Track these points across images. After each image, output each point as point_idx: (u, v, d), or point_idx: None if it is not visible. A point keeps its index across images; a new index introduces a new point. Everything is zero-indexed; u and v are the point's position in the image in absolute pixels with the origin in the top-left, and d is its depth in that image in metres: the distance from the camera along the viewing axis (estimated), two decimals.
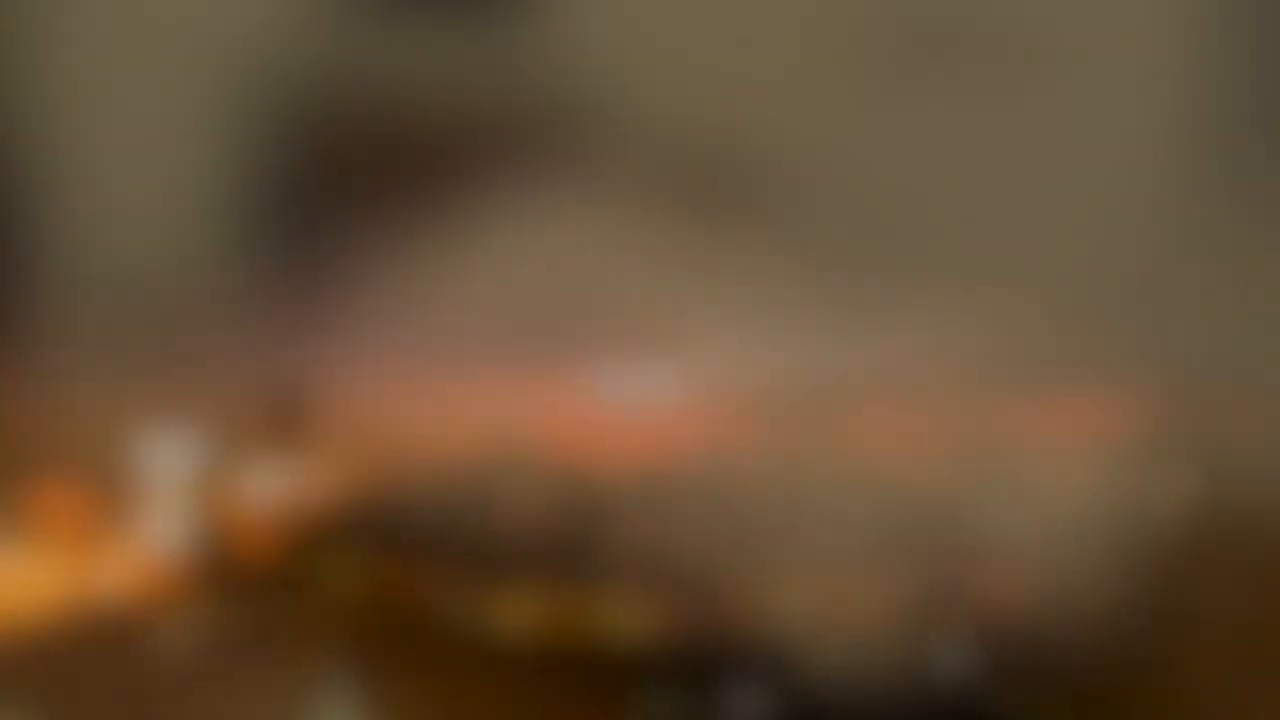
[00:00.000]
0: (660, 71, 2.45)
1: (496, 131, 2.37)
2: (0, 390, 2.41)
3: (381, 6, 2.37)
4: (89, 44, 2.46)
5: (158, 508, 2.19)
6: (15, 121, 2.46)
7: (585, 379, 1.90)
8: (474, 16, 2.37)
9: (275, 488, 2.26)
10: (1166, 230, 2.24)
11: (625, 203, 2.15)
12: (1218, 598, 2.01)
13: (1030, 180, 2.32)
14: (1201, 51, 2.17)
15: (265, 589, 2.03)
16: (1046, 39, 2.23)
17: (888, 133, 2.38)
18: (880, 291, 2.40)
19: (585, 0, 2.40)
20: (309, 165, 2.42)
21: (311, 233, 2.44)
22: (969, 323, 2.31)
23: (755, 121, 2.43)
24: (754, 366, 1.87)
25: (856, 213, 2.38)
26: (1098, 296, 2.29)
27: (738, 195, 2.42)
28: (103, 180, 2.55)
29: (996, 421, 1.78)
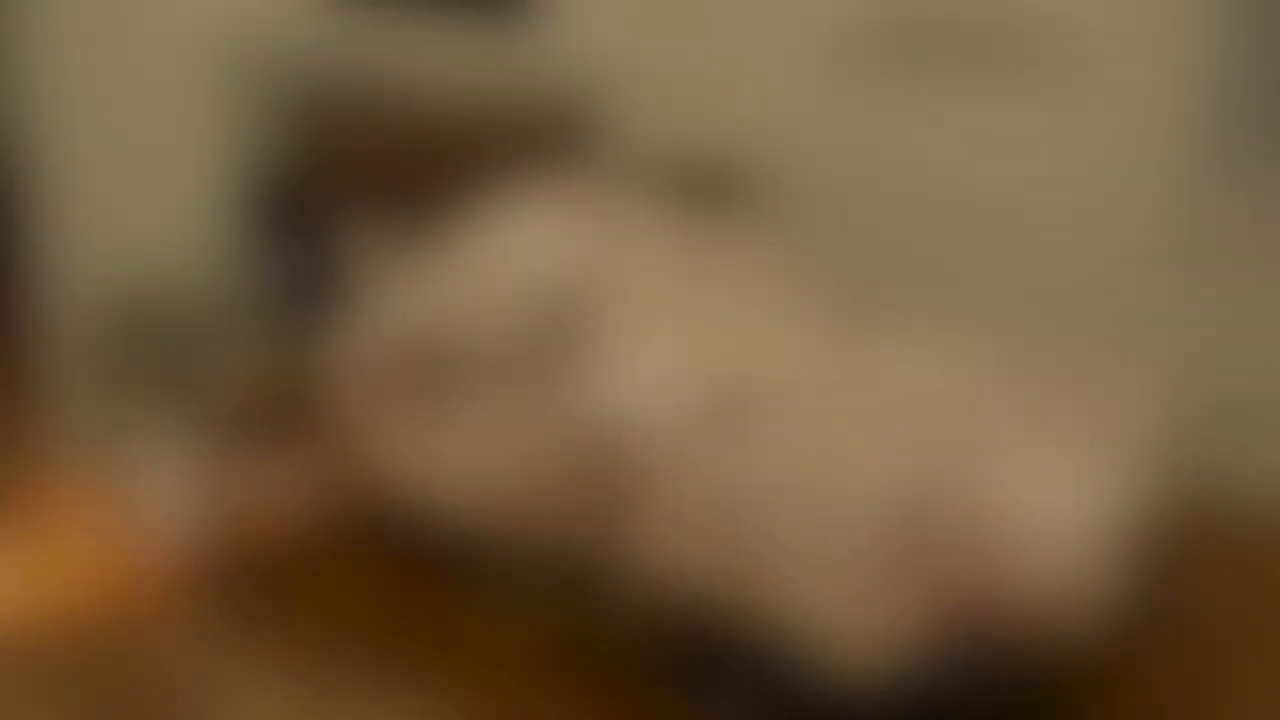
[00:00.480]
0: (659, 74, 2.46)
1: (499, 133, 2.38)
2: (0, 391, 2.41)
3: (387, 9, 2.38)
4: (92, 44, 2.46)
5: (158, 508, 2.20)
6: (15, 125, 2.46)
7: (585, 379, 1.90)
8: (479, 20, 2.38)
9: (277, 490, 2.27)
10: (1166, 232, 2.25)
11: (625, 203, 2.16)
12: (1214, 597, 2.02)
13: (1028, 182, 2.33)
14: (1201, 54, 2.19)
15: (266, 590, 2.04)
16: (1047, 46, 2.24)
17: (887, 136, 2.38)
18: (880, 292, 2.41)
19: (588, 3, 2.41)
20: (310, 167, 2.43)
21: (314, 233, 2.45)
22: (969, 324, 2.32)
23: (754, 125, 2.43)
24: (754, 366, 1.87)
25: (856, 214, 2.39)
26: (1097, 297, 2.30)
27: (738, 197, 2.43)
28: (104, 182, 2.56)
29: (995, 422, 1.79)
